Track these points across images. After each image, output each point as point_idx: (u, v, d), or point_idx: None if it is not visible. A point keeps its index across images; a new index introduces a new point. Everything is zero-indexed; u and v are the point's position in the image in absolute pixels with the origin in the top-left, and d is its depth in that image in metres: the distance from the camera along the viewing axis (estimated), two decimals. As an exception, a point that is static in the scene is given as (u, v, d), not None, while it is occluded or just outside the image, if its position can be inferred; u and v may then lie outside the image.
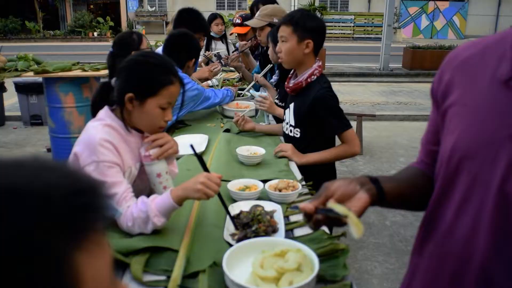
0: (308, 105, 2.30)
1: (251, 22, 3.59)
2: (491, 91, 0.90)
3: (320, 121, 2.31)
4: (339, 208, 0.97)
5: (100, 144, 1.51)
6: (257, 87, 3.63)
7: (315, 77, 2.34)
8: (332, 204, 0.99)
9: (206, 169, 1.57)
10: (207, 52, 4.97)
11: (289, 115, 2.46)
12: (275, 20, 3.31)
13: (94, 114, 1.69)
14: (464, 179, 0.93)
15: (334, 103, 2.31)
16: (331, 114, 2.28)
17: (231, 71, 4.86)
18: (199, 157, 1.58)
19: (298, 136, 2.40)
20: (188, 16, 3.64)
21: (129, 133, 1.65)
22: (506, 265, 0.87)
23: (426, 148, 1.14)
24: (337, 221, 0.98)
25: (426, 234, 1.07)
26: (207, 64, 4.85)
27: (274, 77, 3.41)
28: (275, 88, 3.33)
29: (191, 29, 3.28)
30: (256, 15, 3.56)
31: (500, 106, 0.88)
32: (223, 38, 5.29)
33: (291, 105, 2.43)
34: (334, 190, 1.01)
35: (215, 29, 5.19)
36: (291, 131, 2.44)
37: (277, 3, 3.90)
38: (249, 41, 4.32)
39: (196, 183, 1.47)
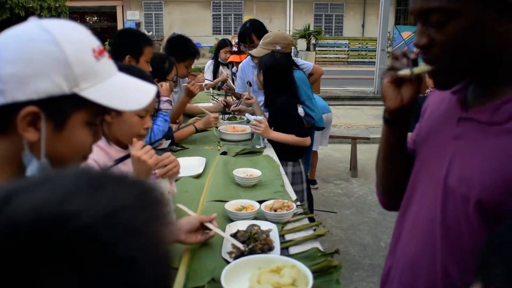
0: None
1: (255, 52, 3.50)
2: (444, 102, 1.10)
3: None
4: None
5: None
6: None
7: None
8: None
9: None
10: (215, 80, 5.11)
11: None
12: (278, 48, 3.33)
13: None
14: (424, 177, 1.11)
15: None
16: None
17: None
18: None
19: None
20: (177, 43, 3.70)
21: (109, 146, 1.71)
22: (450, 251, 1.01)
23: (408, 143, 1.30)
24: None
25: (399, 233, 1.19)
26: (214, 88, 5.00)
27: None
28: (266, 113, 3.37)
29: (180, 56, 3.40)
30: (260, 43, 3.54)
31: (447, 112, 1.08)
32: (229, 63, 5.50)
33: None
34: None
35: (223, 56, 5.39)
36: None
37: (266, 31, 3.75)
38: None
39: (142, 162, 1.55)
